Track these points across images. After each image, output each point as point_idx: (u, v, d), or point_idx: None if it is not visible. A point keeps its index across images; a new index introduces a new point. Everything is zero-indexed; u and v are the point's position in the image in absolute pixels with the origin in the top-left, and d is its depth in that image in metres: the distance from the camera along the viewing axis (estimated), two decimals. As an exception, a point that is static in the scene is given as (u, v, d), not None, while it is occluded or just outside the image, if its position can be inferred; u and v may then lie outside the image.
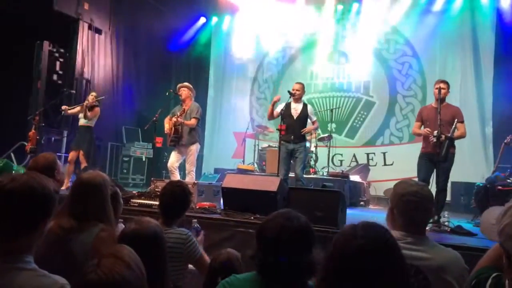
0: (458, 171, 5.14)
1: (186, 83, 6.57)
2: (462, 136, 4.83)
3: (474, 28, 8.44)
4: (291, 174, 5.95)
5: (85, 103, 7.08)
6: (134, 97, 10.48)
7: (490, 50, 8.23)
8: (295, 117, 5.86)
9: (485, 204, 5.35)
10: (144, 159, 9.51)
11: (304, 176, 5.88)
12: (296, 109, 5.92)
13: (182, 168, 6.63)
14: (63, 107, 7.41)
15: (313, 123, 5.97)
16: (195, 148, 6.21)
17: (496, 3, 8.12)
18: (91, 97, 7.20)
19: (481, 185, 5.79)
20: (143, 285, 1.21)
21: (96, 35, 9.32)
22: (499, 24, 8.08)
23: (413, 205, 2.02)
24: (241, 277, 1.54)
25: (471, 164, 7.71)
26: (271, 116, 6.03)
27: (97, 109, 7.17)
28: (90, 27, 9.06)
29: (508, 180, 5.17)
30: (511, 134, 6.27)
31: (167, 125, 6.20)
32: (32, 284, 1.35)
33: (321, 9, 9.64)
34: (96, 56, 9.37)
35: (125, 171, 9.39)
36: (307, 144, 6.60)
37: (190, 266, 2.54)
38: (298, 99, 5.94)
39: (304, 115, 5.88)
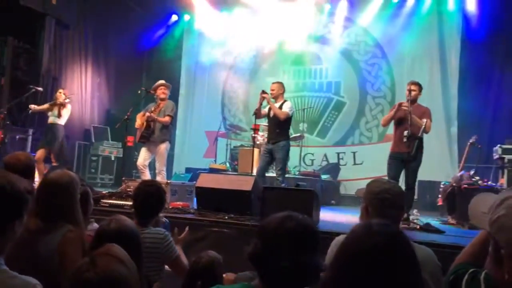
0: (423, 170, 5.28)
1: (164, 82, 6.42)
2: (426, 130, 4.91)
3: (441, 31, 8.71)
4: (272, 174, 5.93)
5: (58, 101, 6.90)
6: (103, 95, 10.25)
7: (456, 52, 8.51)
8: (271, 116, 5.84)
9: (451, 202, 5.54)
10: (113, 159, 9.32)
11: (275, 175, 5.84)
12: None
13: (152, 167, 6.53)
14: (31, 106, 7.19)
15: (283, 111, 5.75)
16: (165, 146, 6.09)
17: (462, 6, 8.40)
18: (59, 94, 7.02)
19: (447, 183, 5.99)
20: (137, 281, 1.20)
21: (64, 31, 9.05)
22: (464, 27, 8.36)
23: (387, 202, 2.09)
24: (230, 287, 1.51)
25: (437, 163, 7.93)
26: (257, 113, 5.95)
27: (69, 107, 7.04)
28: (57, 23, 8.78)
29: (473, 179, 5.36)
30: (475, 134, 6.53)
31: (138, 120, 6.07)
32: (3, 285, 1.32)
33: (294, 10, 9.70)
34: (64, 52, 9.10)
35: (93, 170, 9.17)
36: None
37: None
38: (276, 98, 5.87)
39: None
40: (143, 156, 6.10)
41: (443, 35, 8.67)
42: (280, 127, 5.72)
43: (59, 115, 6.90)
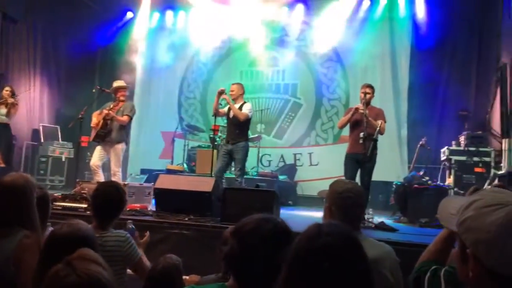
0: (376, 170, 5.45)
1: (124, 84, 6.26)
2: (381, 131, 5.08)
3: (392, 36, 9.04)
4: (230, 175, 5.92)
5: (8, 100, 6.56)
6: (53, 93, 9.82)
7: (406, 57, 8.87)
8: (230, 117, 5.85)
9: (403, 201, 5.78)
10: (64, 159, 8.95)
11: (233, 176, 5.83)
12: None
13: (105, 168, 6.32)
14: None
15: (242, 112, 5.78)
16: (121, 147, 5.94)
17: (412, 13, 8.76)
18: (5, 92, 6.68)
19: (399, 183, 6.23)
20: (115, 284, 1.17)
21: (11, 25, 8.57)
22: (414, 33, 8.73)
23: (350, 201, 2.16)
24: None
25: (388, 164, 8.20)
26: (215, 113, 5.96)
27: (17, 106, 6.72)
28: (4, 17, 8.31)
29: (423, 179, 5.62)
30: (424, 136, 6.85)
31: (95, 118, 5.88)
32: None
33: (253, 11, 9.75)
34: (11, 48, 8.62)
35: (42, 172, 8.75)
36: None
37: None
38: (236, 99, 5.89)
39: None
40: (97, 156, 5.90)
41: (394, 40, 9.02)
42: (239, 128, 5.73)
43: (7, 114, 6.59)
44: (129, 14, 10.52)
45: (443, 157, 6.88)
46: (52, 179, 8.79)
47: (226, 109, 5.91)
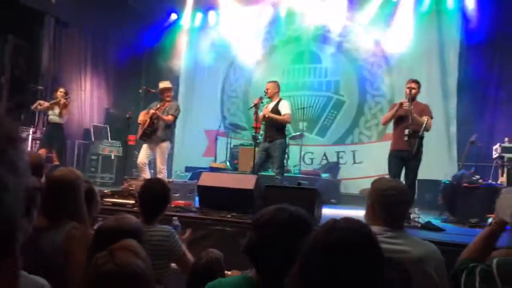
0: (423, 169, 5.28)
1: (170, 86, 6.42)
2: (427, 128, 4.90)
3: (440, 29, 8.72)
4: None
5: (60, 101, 6.91)
6: (102, 94, 10.24)
7: (455, 50, 8.53)
8: (266, 116, 5.84)
9: (452, 201, 5.56)
10: (113, 157, 9.30)
11: (273, 174, 5.80)
12: (269, 107, 5.90)
13: (151, 166, 6.52)
14: (40, 101, 7.18)
15: (283, 115, 5.77)
16: (166, 145, 6.10)
17: (461, 5, 8.41)
18: (59, 93, 7.03)
19: (447, 182, 6.00)
20: (152, 277, 1.22)
21: (64, 29, 9.03)
22: (464, 26, 8.38)
23: (393, 199, 2.12)
24: (225, 281, 1.54)
25: (436, 162, 7.94)
26: (258, 120, 5.93)
27: (69, 106, 7.08)
28: (57, 22, 8.76)
29: (473, 178, 5.38)
30: (475, 133, 6.56)
31: (141, 117, 6.06)
32: None
33: (294, 9, 9.72)
34: (63, 51, 9.07)
35: (93, 169, 9.15)
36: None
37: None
38: (272, 97, 5.90)
39: (274, 112, 5.80)
40: (143, 154, 6.09)
41: (442, 34, 8.69)
42: (276, 126, 5.74)
43: (60, 114, 6.93)
44: (173, 16, 10.79)
45: (495, 155, 6.56)
46: (102, 176, 9.17)
47: (261, 113, 5.91)
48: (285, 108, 5.76)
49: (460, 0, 8.45)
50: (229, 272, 2.44)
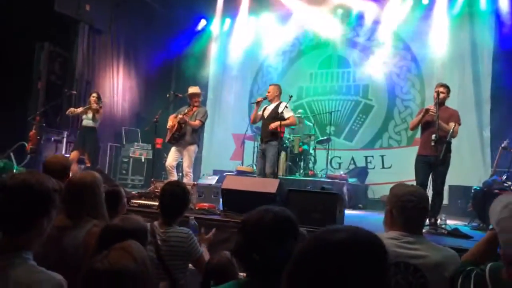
0: (455, 174, 5.16)
1: (199, 91, 6.58)
2: (453, 134, 4.78)
3: (473, 31, 8.50)
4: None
5: (93, 106, 7.15)
6: (134, 98, 10.51)
7: (488, 53, 8.29)
8: (265, 117, 5.99)
9: (482, 208, 5.39)
10: (143, 160, 9.52)
11: (302, 178, 5.82)
12: (269, 109, 6.04)
13: (179, 169, 6.65)
14: (71, 109, 7.48)
15: (288, 118, 5.86)
16: (193, 149, 6.24)
17: (495, 7, 8.17)
18: (92, 98, 7.27)
19: (478, 188, 5.82)
20: (147, 281, 1.24)
21: (97, 36, 9.34)
22: (497, 27, 8.13)
23: (411, 204, 2.10)
24: (222, 286, 1.54)
25: (469, 168, 7.75)
26: (254, 120, 6.23)
27: (102, 110, 7.30)
28: (90, 28, 9.09)
29: (505, 184, 5.21)
30: (508, 138, 6.33)
31: (170, 122, 6.26)
32: (28, 279, 1.38)
33: (322, 13, 9.70)
34: (97, 57, 9.39)
35: (124, 171, 9.40)
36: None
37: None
38: (272, 100, 6.06)
39: (274, 113, 5.88)
40: (172, 157, 6.26)
41: (475, 37, 8.46)
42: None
43: (93, 119, 7.17)
44: (203, 22, 10.97)
45: (529, 161, 6.31)
46: (133, 179, 9.40)
47: (260, 112, 6.09)
48: (287, 110, 5.86)
49: (493, 2, 8.21)
50: (244, 274, 2.47)
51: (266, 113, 6.00)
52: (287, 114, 5.85)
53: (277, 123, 5.70)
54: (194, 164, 6.51)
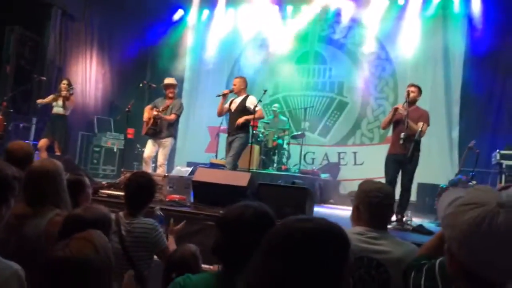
0: (424, 172, 5.28)
1: (174, 82, 6.55)
2: (421, 134, 4.86)
3: (446, 34, 8.69)
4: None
5: (63, 93, 6.98)
6: (107, 87, 10.30)
7: (459, 56, 8.50)
8: (233, 110, 5.98)
9: (448, 205, 5.54)
10: (115, 150, 9.37)
11: (275, 172, 5.83)
12: (236, 102, 6.01)
13: (154, 159, 6.60)
14: (38, 100, 7.28)
15: (253, 112, 5.79)
16: (170, 141, 6.26)
17: (467, 11, 8.37)
18: (63, 85, 7.09)
19: (444, 186, 6.00)
20: (107, 271, 1.23)
21: (70, 22, 9.10)
22: (469, 31, 8.34)
23: (377, 200, 2.14)
24: (194, 277, 1.54)
25: (437, 167, 7.95)
26: (220, 113, 6.16)
27: (73, 98, 7.13)
28: (64, 13, 8.83)
29: (470, 183, 5.38)
30: (474, 139, 6.54)
31: (146, 113, 6.24)
32: None
33: (300, 9, 9.73)
34: (69, 43, 9.15)
35: (95, 161, 9.23)
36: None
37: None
38: (239, 93, 6.03)
39: (241, 107, 5.89)
40: (149, 149, 6.27)
41: (448, 39, 8.66)
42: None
43: (63, 106, 6.99)
44: (180, 12, 10.82)
45: (494, 161, 6.55)
46: (104, 169, 9.25)
47: (227, 105, 6.07)
48: (254, 103, 5.82)
49: (466, 5, 8.41)
50: (211, 267, 2.47)
51: (233, 106, 5.98)
52: (251, 104, 5.81)
53: (244, 118, 5.73)
54: (169, 155, 6.47)
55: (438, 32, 8.75)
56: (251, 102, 5.83)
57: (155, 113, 6.10)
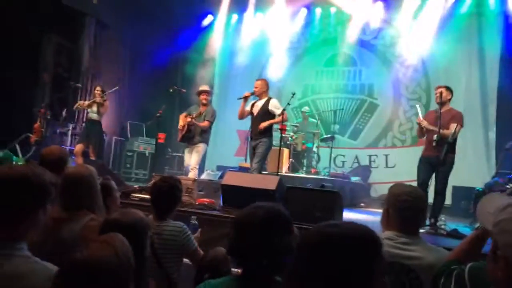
0: (460, 175, 5.12)
1: (207, 88, 6.71)
2: (454, 135, 4.77)
3: (480, 32, 8.42)
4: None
5: (97, 100, 7.20)
6: (139, 93, 10.53)
7: (495, 54, 8.21)
8: (255, 114, 5.88)
9: (484, 209, 5.35)
10: (147, 154, 9.56)
11: (304, 175, 5.76)
12: (258, 105, 5.90)
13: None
14: (80, 102, 7.52)
15: (278, 115, 5.75)
16: (202, 147, 6.39)
17: (503, 7, 8.09)
18: (97, 92, 7.30)
19: (480, 190, 5.80)
20: (126, 275, 1.23)
21: (104, 30, 9.38)
22: (505, 28, 8.05)
23: (408, 204, 2.09)
24: (214, 281, 1.55)
25: (474, 169, 7.70)
26: (241, 116, 6.07)
27: (107, 104, 7.34)
28: (97, 22, 9.12)
29: (507, 186, 5.17)
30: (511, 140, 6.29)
31: (181, 121, 6.39)
32: (23, 269, 1.40)
33: (328, 11, 9.66)
34: (103, 51, 9.42)
35: (128, 165, 9.44)
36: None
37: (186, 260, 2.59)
38: (260, 96, 5.92)
39: (264, 110, 5.79)
40: (187, 158, 6.43)
41: (482, 36, 8.38)
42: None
43: (98, 112, 7.21)
44: (209, 17, 10.95)
45: (533, 163, 6.27)
46: (136, 173, 9.45)
47: (249, 107, 5.97)
48: (277, 107, 5.75)
49: (502, 3, 8.12)
50: (239, 271, 2.48)
51: (255, 110, 5.89)
52: (278, 111, 5.73)
53: (268, 122, 5.66)
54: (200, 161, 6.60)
55: (472, 30, 8.49)
56: (273, 105, 5.76)
57: (188, 119, 6.25)
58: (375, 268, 1.00)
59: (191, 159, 6.34)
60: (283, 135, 6.61)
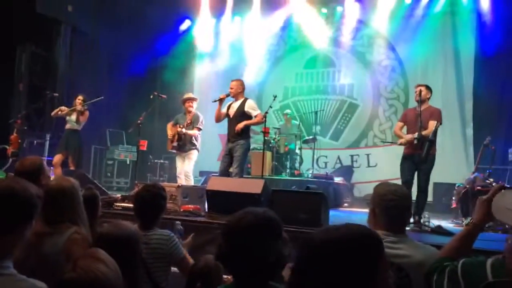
0: (440, 172, 5.20)
1: (192, 95, 6.74)
2: (428, 134, 4.80)
3: (455, 30, 8.60)
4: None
5: (77, 108, 7.05)
6: (118, 99, 10.39)
7: (470, 52, 8.39)
8: (231, 116, 5.73)
9: (465, 204, 5.46)
10: (128, 162, 9.43)
11: (288, 178, 5.77)
12: (234, 107, 5.75)
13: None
14: (53, 113, 7.31)
15: (255, 117, 5.59)
16: (193, 153, 6.46)
17: (476, 6, 8.28)
18: (78, 101, 7.15)
19: (461, 185, 5.90)
20: (120, 284, 1.22)
21: (80, 37, 9.22)
22: (479, 26, 8.24)
23: (393, 203, 2.10)
24: None
25: (453, 165, 7.83)
26: (218, 118, 5.91)
27: (87, 113, 7.19)
28: (73, 30, 8.97)
29: (487, 181, 5.28)
30: (490, 135, 6.43)
31: (169, 131, 6.42)
32: None
33: (306, 13, 9.72)
34: (80, 59, 9.26)
35: (109, 174, 9.30)
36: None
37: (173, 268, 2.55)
38: (236, 97, 5.77)
39: (240, 112, 5.64)
40: (179, 165, 6.50)
41: (457, 35, 8.57)
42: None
43: (76, 121, 7.06)
44: (187, 22, 10.89)
45: (511, 158, 6.43)
46: (118, 181, 9.31)
47: (225, 109, 5.82)
48: (253, 108, 5.64)
49: (475, 0, 8.31)
50: (229, 277, 2.46)
51: (232, 112, 5.71)
52: (254, 112, 5.60)
53: (244, 123, 5.51)
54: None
55: (447, 30, 8.67)
56: (249, 106, 5.62)
57: (179, 130, 6.27)
58: (379, 266, 1.02)
59: (184, 166, 6.39)
60: (266, 138, 6.61)
